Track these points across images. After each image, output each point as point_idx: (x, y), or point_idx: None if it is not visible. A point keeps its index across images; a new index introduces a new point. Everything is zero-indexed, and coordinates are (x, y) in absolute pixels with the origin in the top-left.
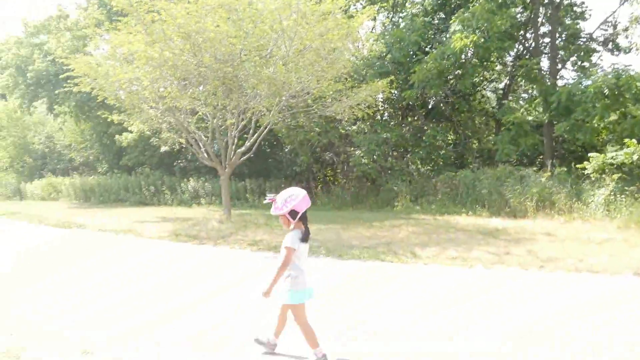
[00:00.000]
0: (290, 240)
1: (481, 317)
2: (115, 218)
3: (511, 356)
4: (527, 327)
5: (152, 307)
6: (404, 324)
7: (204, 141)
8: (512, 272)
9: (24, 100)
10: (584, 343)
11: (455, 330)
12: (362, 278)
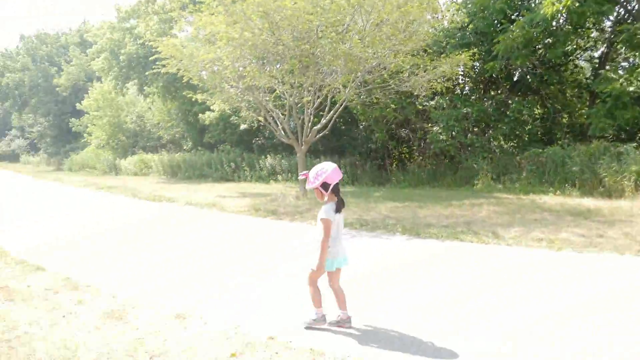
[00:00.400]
0: (325, 212)
1: (572, 307)
2: (199, 193)
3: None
4: (626, 319)
5: (235, 274)
6: (485, 308)
7: (281, 119)
8: (606, 256)
9: (117, 82)
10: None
11: (544, 322)
12: (440, 257)
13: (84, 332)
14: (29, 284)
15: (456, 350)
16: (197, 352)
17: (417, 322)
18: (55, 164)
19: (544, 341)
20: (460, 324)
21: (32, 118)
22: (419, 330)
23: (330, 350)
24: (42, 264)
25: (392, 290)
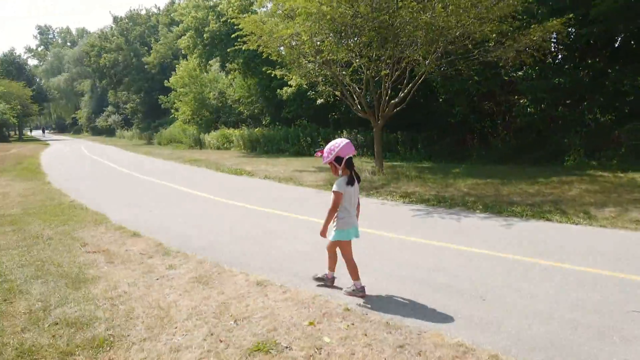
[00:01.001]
0: (337, 185)
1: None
2: (277, 167)
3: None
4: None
5: (311, 246)
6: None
7: (357, 93)
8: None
9: (201, 59)
10: None
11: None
12: (525, 238)
13: (175, 295)
14: (127, 249)
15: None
16: (277, 318)
17: (486, 302)
18: (146, 137)
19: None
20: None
21: (125, 95)
22: (491, 309)
23: (406, 324)
24: (138, 230)
25: (461, 269)
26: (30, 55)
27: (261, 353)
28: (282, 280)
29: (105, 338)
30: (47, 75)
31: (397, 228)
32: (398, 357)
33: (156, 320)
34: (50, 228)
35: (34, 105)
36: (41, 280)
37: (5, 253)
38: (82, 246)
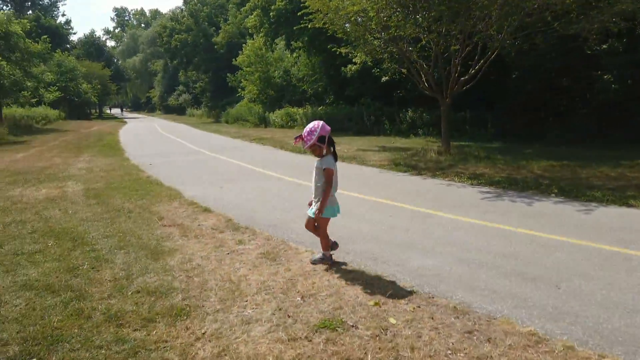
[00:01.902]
0: (328, 163)
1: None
2: (340, 146)
3: None
4: None
5: (380, 226)
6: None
7: (425, 70)
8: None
9: (267, 37)
10: None
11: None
12: (605, 225)
13: (244, 269)
14: (199, 224)
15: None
16: (342, 297)
17: (560, 291)
18: (214, 116)
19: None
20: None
21: (195, 75)
22: (565, 299)
23: (475, 310)
24: (209, 206)
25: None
26: (109, 37)
27: (328, 330)
28: (346, 259)
29: (182, 307)
30: (124, 56)
31: (464, 210)
32: (466, 342)
33: (228, 293)
34: (130, 202)
35: (112, 85)
36: (123, 251)
37: (91, 224)
38: (158, 220)
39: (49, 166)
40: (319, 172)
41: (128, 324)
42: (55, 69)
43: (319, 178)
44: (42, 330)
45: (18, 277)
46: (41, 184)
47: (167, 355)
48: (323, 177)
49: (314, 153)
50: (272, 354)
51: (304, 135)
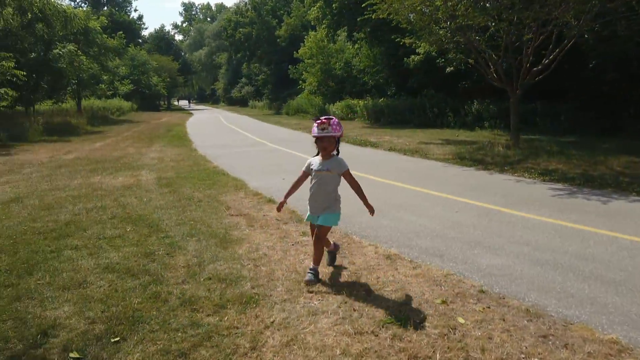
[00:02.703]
0: (345, 164)
1: None
2: (402, 139)
3: None
4: None
5: (443, 222)
6: None
7: (494, 60)
8: None
9: (329, 29)
10: None
11: None
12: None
13: (309, 261)
14: (264, 214)
15: None
16: (408, 294)
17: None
18: (275, 108)
19: None
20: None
21: (257, 67)
22: None
23: (549, 313)
24: (272, 197)
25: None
26: (177, 31)
27: (394, 326)
28: (411, 256)
29: (251, 296)
30: (190, 49)
31: (535, 208)
32: (541, 347)
33: (294, 283)
34: (199, 191)
35: (180, 78)
36: (195, 238)
37: (165, 212)
38: (226, 209)
39: (124, 155)
40: (330, 176)
41: (201, 309)
42: (128, 63)
43: (330, 181)
44: (124, 311)
45: (101, 260)
46: (118, 173)
47: (238, 341)
48: (335, 182)
49: (325, 150)
50: (339, 346)
51: (332, 123)
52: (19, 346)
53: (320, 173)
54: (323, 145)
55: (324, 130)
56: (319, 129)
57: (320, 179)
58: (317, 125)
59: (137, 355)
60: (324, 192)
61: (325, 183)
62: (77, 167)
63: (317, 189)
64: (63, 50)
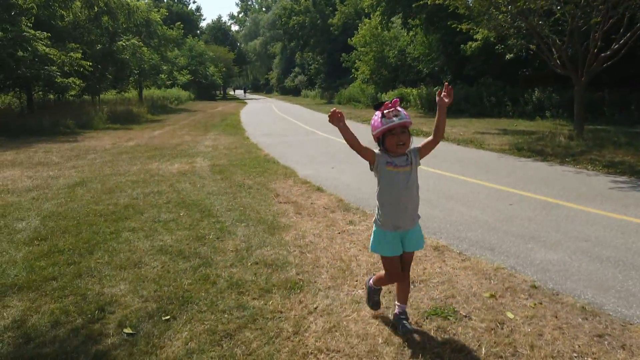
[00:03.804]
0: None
1: None
2: (456, 128)
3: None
4: None
5: (498, 216)
6: None
7: (558, 46)
8: None
9: (383, 16)
10: None
11: None
12: None
13: (355, 249)
14: (312, 202)
15: None
16: (455, 286)
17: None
18: (327, 97)
19: None
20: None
21: (310, 56)
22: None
23: (607, 312)
24: (321, 186)
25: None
26: (233, 22)
27: (439, 318)
28: (460, 248)
29: (296, 282)
30: (246, 40)
31: (598, 202)
32: (595, 346)
33: (339, 271)
34: (250, 178)
35: (235, 68)
36: (244, 224)
37: (217, 198)
38: (275, 197)
39: (181, 143)
40: (413, 172)
41: (247, 292)
42: (186, 54)
43: (416, 178)
44: (174, 292)
45: (155, 242)
46: (174, 159)
47: (282, 325)
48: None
49: (404, 146)
50: (382, 335)
51: (406, 117)
52: (78, 320)
53: (406, 169)
54: (401, 139)
55: (397, 117)
56: (391, 117)
57: (410, 177)
58: (386, 112)
59: (185, 334)
60: (415, 194)
61: (415, 181)
62: (136, 154)
63: (406, 192)
64: (127, 43)
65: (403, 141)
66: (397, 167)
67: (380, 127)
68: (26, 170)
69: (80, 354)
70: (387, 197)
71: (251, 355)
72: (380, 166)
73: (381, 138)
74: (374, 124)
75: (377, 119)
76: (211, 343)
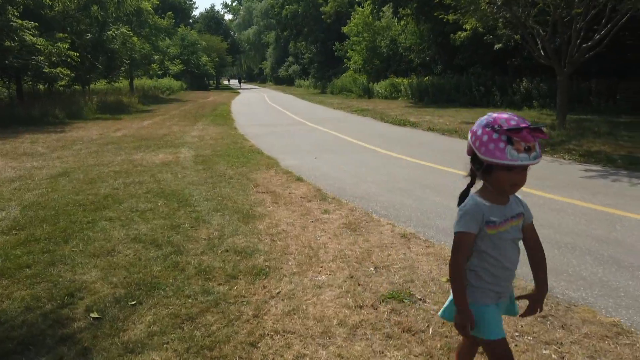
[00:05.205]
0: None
1: None
2: (443, 118)
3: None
4: None
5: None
6: None
7: (541, 36)
8: None
9: (374, 5)
10: None
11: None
12: None
13: (325, 237)
14: (290, 192)
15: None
16: (415, 271)
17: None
18: (320, 87)
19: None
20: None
21: (304, 46)
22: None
23: (555, 295)
24: (302, 176)
25: None
26: (226, 11)
27: (394, 300)
28: (427, 235)
29: (263, 268)
30: (239, 29)
31: (568, 191)
32: (538, 327)
33: (306, 258)
34: (232, 169)
35: (228, 57)
36: (220, 213)
37: (196, 188)
38: (254, 187)
39: (168, 133)
40: (520, 227)
41: (214, 279)
42: (178, 43)
43: (519, 235)
44: (144, 278)
45: (130, 231)
46: (159, 150)
47: (243, 309)
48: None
49: (513, 189)
50: (337, 317)
51: (540, 154)
52: (48, 305)
53: (513, 224)
54: (521, 179)
55: (532, 155)
56: (522, 150)
57: (515, 235)
58: (516, 140)
59: (149, 318)
60: (518, 252)
61: (519, 239)
62: (123, 144)
63: (512, 252)
64: (117, 32)
65: (516, 183)
66: (511, 221)
67: (502, 159)
68: (10, 160)
69: (47, 336)
70: (488, 259)
71: (210, 337)
72: (486, 222)
73: (488, 167)
74: (489, 148)
75: (498, 142)
76: (173, 326)
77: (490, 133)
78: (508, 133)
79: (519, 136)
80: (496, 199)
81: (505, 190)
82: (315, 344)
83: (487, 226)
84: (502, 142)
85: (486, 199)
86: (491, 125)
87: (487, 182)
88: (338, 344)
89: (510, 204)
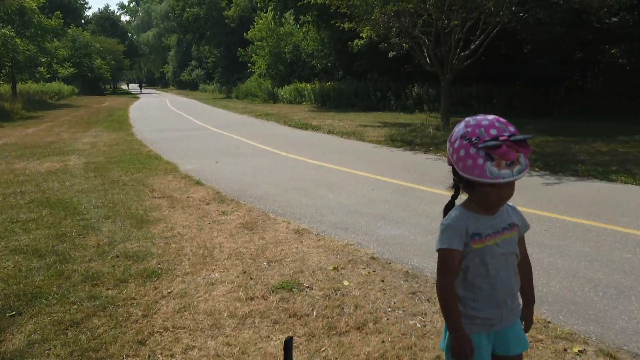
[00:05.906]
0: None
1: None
2: (343, 122)
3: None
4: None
5: (354, 200)
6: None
7: (427, 45)
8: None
9: (276, 11)
10: None
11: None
12: (575, 198)
13: (221, 237)
14: (189, 196)
15: None
16: (305, 263)
17: None
18: (225, 91)
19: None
20: None
21: (207, 50)
22: None
23: (425, 274)
24: (201, 180)
25: None
26: (123, 12)
27: (284, 290)
28: (320, 230)
29: (154, 270)
30: (138, 31)
31: (444, 184)
32: (408, 302)
33: (200, 258)
34: (127, 175)
35: (126, 60)
36: (111, 220)
37: (86, 195)
38: (150, 192)
39: (56, 141)
40: (515, 239)
41: (102, 284)
42: (69, 45)
43: (516, 249)
44: (24, 289)
45: (10, 243)
46: (45, 158)
47: (132, 311)
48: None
49: (504, 201)
50: (228, 310)
51: (527, 166)
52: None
53: (505, 236)
54: (508, 193)
55: (515, 169)
56: (503, 167)
57: (507, 249)
58: (496, 157)
59: (30, 327)
60: (514, 272)
61: (514, 254)
62: (3, 153)
63: (504, 270)
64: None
65: (505, 198)
66: (501, 233)
67: (482, 177)
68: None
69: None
70: (475, 279)
71: (95, 340)
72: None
73: (469, 183)
74: (467, 164)
75: (476, 157)
76: (56, 333)
77: (468, 147)
78: (486, 150)
79: (497, 153)
80: (484, 209)
81: (492, 205)
82: (204, 336)
83: (472, 240)
84: (481, 157)
85: (472, 209)
86: (468, 138)
87: (471, 195)
88: (227, 333)
89: (501, 214)
